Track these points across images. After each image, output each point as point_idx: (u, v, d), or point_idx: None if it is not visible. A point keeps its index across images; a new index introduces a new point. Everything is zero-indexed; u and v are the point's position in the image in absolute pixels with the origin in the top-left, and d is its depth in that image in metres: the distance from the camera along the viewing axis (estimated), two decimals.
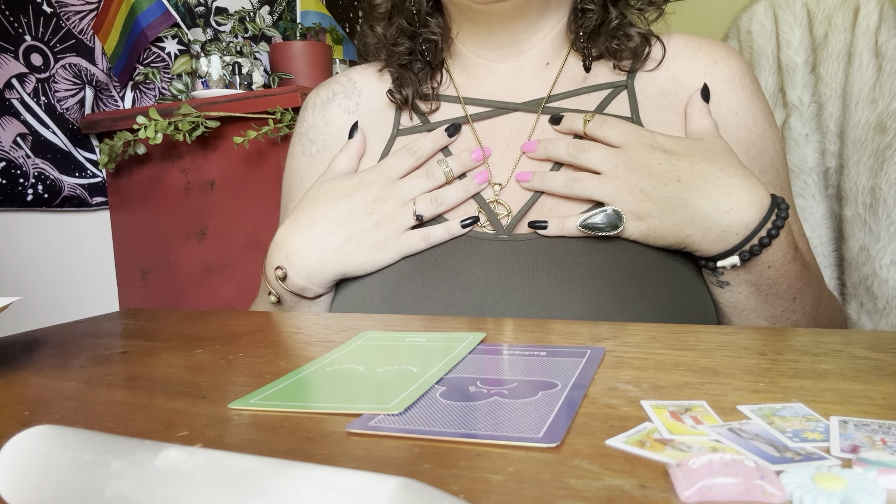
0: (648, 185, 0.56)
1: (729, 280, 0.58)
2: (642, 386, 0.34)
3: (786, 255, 0.57)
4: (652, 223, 0.57)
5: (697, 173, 0.56)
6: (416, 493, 0.19)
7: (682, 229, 0.56)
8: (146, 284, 1.51)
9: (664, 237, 0.57)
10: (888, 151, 0.85)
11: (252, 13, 1.75)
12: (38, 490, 0.23)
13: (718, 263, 0.57)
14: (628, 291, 0.55)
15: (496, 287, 0.58)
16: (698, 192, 0.55)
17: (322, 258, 0.62)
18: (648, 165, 0.56)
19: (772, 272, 0.57)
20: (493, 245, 0.61)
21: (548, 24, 0.68)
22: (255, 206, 1.36)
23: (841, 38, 0.90)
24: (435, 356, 0.40)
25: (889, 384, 0.33)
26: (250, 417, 0.32)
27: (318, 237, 0.62)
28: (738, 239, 0.55)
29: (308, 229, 0.63)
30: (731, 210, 0.55)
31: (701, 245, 0.56)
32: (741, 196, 0.55)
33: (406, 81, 0.70)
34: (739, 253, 0.56)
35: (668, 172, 0.56)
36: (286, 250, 0.63)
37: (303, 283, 0.63)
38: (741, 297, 0.59)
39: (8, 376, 0.43)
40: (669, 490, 0.23)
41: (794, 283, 0.59)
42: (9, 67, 1.36)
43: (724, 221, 0.55)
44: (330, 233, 0.62)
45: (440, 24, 0.70)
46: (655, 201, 0.56)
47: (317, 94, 0.77)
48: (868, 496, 0.21)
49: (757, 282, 0.58)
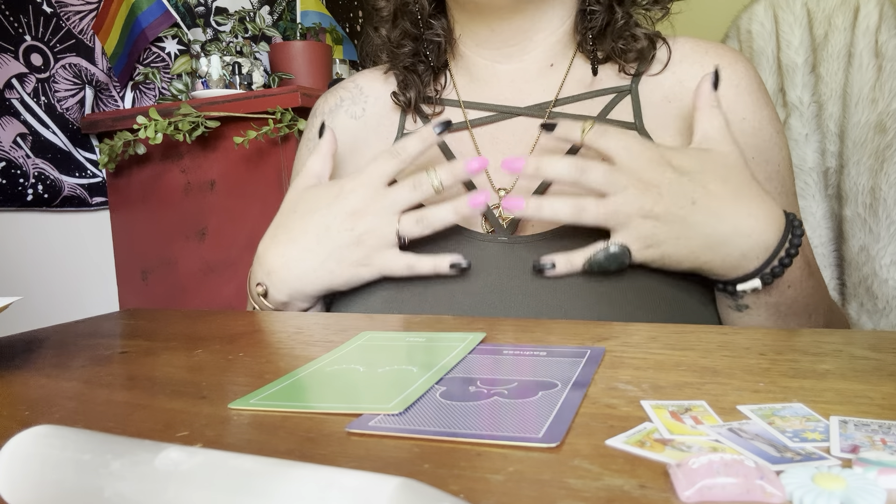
0: (661, 210, 0.51)
1: (749, 303, 0.56)
2: (642, 386, 0.34)
3: (803, 272, 0.56)
4: (666, 251, 0.53)
5: (713, 194, 0.52)
6: (416, 493, 0.19)
7: (699, 256, 0.53)
8: (146, 284, 1.51)
9: (679, 263, 0.54)
10: (888, 151, 0.85)
11: (252, 13, 1.75)
12: (37, 490, 0.23)
13: (739, 287, 0.54)
14: (628, 298, 0.55)
15: (496, 291, 0.58)
16: (716, 217, 0.52)
17: (303, 277, 0.60)
18: (659, 186, 0.52)
19: (791, 291, 0.55)
20: (493, 247, 0.60)
21: (551, 23, 0.67)
22: (255, 206, 1.36)
23: (841, 37, 0.90)
24: (435, 356, 0.40)
25: (889, 384, 0.33)
26: (250, 417, 0.32)
27: (297, 255, 0.60)
28: (758, 262, 0.53)
29: (287, 245, 0.60)
30: (751, 234, 0.52)
31: (719, 270, 0.54)
32: (759, 218, 0.52)
33: (410, 84, 0.70)
34: (761, 276, 0.53)
35: (682, 194, 0.52)
36: (267, 267, 0.61)
37: (284, 299, 0.61)
38: (759, 320, 0.57)
39: (8, 376, 0.43)
40: (669, 490, 0.23)
41: (811, 301, 0.57)
42: (9, 67, 1.36)
43: (744, 246, 0.52)
44: (308, 250, 0.59)
45: (443, 25, 0.70)
46: (670, 227, 0.52)
47: (325, 100, 0.76)
48: (868, 496, 0.21)
49: (777, 303, 0.56)
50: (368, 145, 0.71)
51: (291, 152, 1.31)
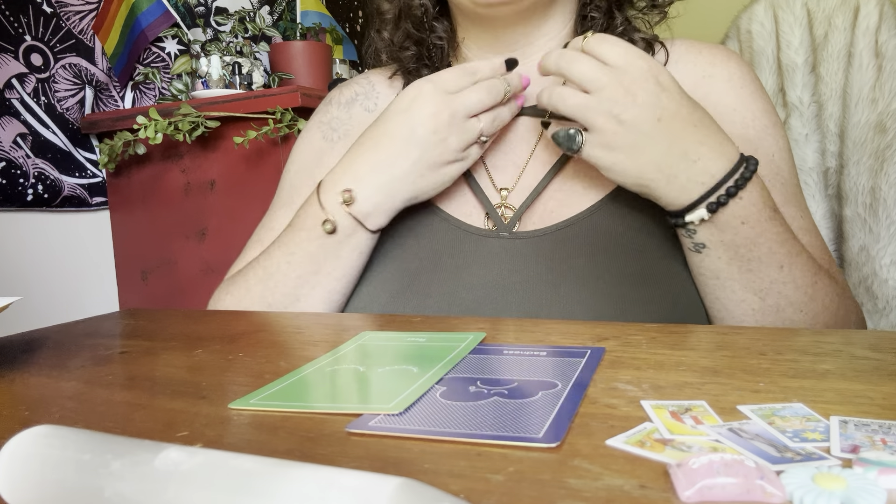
0: (629, 117, 0.53)
1: (704, 241, 0.56)
2: (642, 386, 0.34)
3: (761, 212, 0.55)
4: (618, 158, 0.54)
5: (679, 116, 0.53)
6: (416, 493, 0.19)
7: (646, 173, 0.54)
8: (146, 284, 1.51)
9: (625, 176, 0.55)
10: (888, 151, 0.85)
11: (252, 13, 1.75)
12: (38, 490, 0.23)
13: (686, 217, 0.55)
14: (626, 294, 0.55)
15: (497, 287, 0.58)
16: (672, 137, 0.53)
17: (394, 181, 0.60)
18: (636, 94, 0.53)
19: (747, 230, 0.55)
20: (494, 244, 0.61)
21: (552, 27, 0.68)
22: (255, 206, 1.36)
23: (841, 38, 0.90)
24: (435, 356, 0.40)
25: (889, 384, 0.33)
26: (250, 417, 0.32)
27: (386, 159, 0.60)
28: (702, 189, 0.53)
29: (375, 151, 0.60)
30: (699, 159, 0.53)
31: (663, 193, 0.54)
32: (711, 146, 0.53)
33: None
34: (707, 205, 0.53)
35: (653, 107, 0.53)
36: (356, 173, 0.60)
37: (370, 207, 0.60)
38: (721, 264, 0.56)
39: (8, 376, 0.43)
40: (669, 490, 0.23)
41: (777, 248, 0.56)
42: (9, 67, 1.36)
43: (690, 170, 0.53)
44: (399, 155, 0.60)
45: (446, 28, 0.70)
46: (630, 137, 0.54)
47: (340, 92, 0.77)
48: (868, 496, 0.21)
49: (734, 242, 0.55)
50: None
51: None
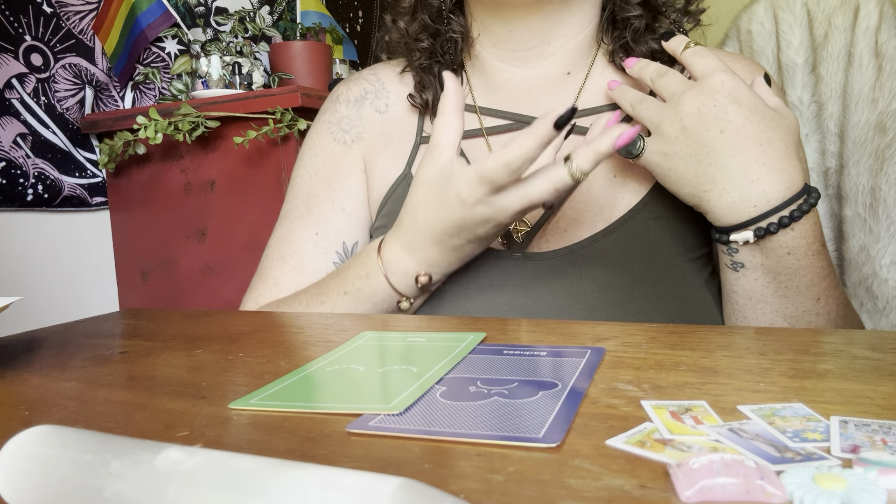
0: (691, 124, 0.53)
1: (743, 262, 0.55)
2: (642, 386, 0.34)
3: (810, 246, 0.54)
4: (675, 165, 0.55)
5: (743, 132, 0.53)
6: (416, 493, 0.19)
7: (702, 184, 0.54)
8: (146, 284, 1.51)
9: (680, 184, 0.55)
10: (888, 151, 0.85)
11: (252, 13, 1.75)
12: (38, 490, 0.23)
13: (731, 236, 0.54)
14: (638, 320, 0.55)
15: (510, 308, 0.58)
16: (733, 151, 0.52)
17: (465, 258, 0.58)
18: (702, 104, 0.53)
19: (791, 260, 0.54)
20: (507, 264, 0.61)
21: (571, 27, 0.66)
22: (255, 206, 1.36)
23: (841, 38, 0.90)
24: (435, 356, 0.40)
25: (889, 384, 0.33)
26: (250, 417, 0.32)
27: (458, 248, 0.57)
28: (755, 212, 0.52)
29: (442, 242, 0.56)
30: (757, 180, 0.52)
31: (715, 207, 0.54)
32: (773, 169, 0.52)
33: (427, 85, 0.69)
34: (755, 229, 0.53)
35: (717, 118, 0.53)
36: (428, 260, 0.57)
37: (443, 278, 0.60)
38: (757, 286, 0.56)
39: (8, 376, 0.43)
40: (670, 490, 0.23)
41: (818, 282, 0.55)
42: (9, 67, 1.36)
43: (746, 189, 0.52)
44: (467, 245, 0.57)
45: (461, 23, 0.69)
46: (690, 145, 0.54)
47: (348, 88, 0.75)
48: (868, 496, 0.21)
49: (775, 269, 0.54)
50: (393, 143, 0.70)
51: (291, 152, 1.31)
